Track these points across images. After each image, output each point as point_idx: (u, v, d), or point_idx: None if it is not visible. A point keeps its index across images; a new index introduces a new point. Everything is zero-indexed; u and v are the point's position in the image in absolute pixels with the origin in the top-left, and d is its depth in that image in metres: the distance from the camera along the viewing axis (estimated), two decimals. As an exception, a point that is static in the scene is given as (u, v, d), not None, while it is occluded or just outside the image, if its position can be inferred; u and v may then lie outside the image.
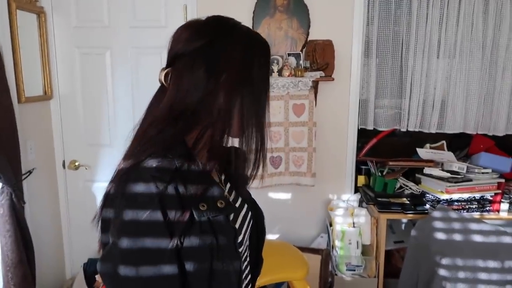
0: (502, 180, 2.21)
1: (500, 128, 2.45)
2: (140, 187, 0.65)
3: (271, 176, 2.34)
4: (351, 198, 2.44)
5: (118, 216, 0.65)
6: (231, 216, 0.76)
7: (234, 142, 0.80)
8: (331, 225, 2.32)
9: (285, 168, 2.36)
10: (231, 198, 0.83)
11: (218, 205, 0.71)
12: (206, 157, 0.74)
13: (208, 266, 0.68)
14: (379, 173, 2.33)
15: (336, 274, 2.16)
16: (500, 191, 2.18)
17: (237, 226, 0.77)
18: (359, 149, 2.50)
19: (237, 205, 0.84)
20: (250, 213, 0.87)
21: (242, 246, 0.77)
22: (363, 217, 2.25)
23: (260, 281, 1.53)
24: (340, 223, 2.25)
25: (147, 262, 0.64)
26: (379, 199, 2.23)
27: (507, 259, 1.68)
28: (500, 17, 2.35)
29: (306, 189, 2.39)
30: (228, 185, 0.86)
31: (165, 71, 0.74)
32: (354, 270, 2.16)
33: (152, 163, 0.66)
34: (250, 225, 0.87)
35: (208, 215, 0.69)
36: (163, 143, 0.69)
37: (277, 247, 2.05)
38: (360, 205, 2.41)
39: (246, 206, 0.87)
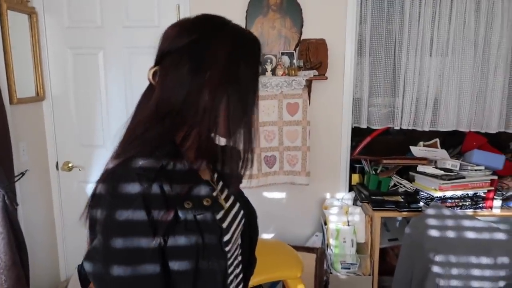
0: (495, 177, 2.22)
1: (493, 126, 2.46)
2: (124, 186, 0.65)
3: (265, 175, 2.34)
4: (346, 196, 2.44)
5: (102, 215, 0.66)
6: (220, 215, 0.76)
7: (223, 140, 0.80)
8: (325, 223, 2.32)
9: (280, 167, 2.36)
10: (222, 197, 0.83)
11: (204, 203, 0.71)
12: (193, 156, 0.74)
13: (194, 265, 0.68)
14: (373, 171, 2.34)
15: (331, 273, 2.16)
16: (493, 188, 2.19)
17: (225, 224, 0.77)
18: (353, 147, 2.51)
19: (228, 203, 0.84)
20: (242, 212, 0.87)
21: (230, 245, 0.77)
22: (357, 215, 2.26)
23: (254, 280, 1.53)
24: (335, 221, 2.26)
25: (129, 261, 0.64)
26: (373, 197, 2.23)
27: (499, 255, 1.69)
28: (491, 15, 2.36)
29: (301, 188, 2.39)
30: (221, 183, 0.86)
31: (153, 69, 0.74)
32: (349, 268, 2.17)
33: (138, 162, 0.66)
34: (242, 224, 0.87)
35: (193, 213, 0.69)
36: (150, 142, 0.69)
37: (272, 246, 2.05)
38: (354, 203, 2.41)
39: (238, 204, 0.87)
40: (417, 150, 2.37)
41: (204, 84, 0.70)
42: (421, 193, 2.21)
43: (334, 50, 2.34)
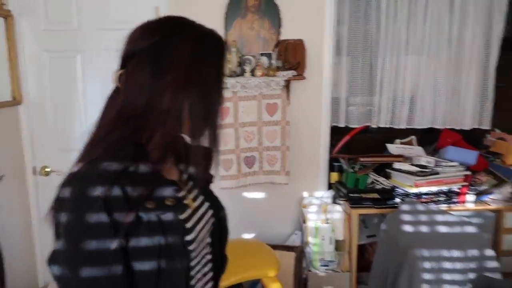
0: (469, 173, 2.28)
1: (467, 122, 2.53)
2: (86, 189, 0.66)
3: (245, 175, 2.35)
4: (325, 194, 2.47)
5: (65, 218, 0.66)
6: (185, 214, 0.77)
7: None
8: (304, 222, 2.35)
9: (259, 167, 2.38)
10: (190, 196, 0.84)
11: (167, 203, 0.72)
12: (157, 156, 0.75)
13: (156, 265, 0.69)
14: (351, 169, 2.37)
15: (309, 270, 2.19)
16: (466, 183, 2.25)
17: (190, 224, 0.78)
18: (332, 146, 2.54)
19: (196, 203, 0.85)
20: (210, 211, 0.88)
21: (194, 244, 0.78)
22: (336, 213, 2.29)
23: (230, 280, 1.54)
24: (314, 219, 2.28)
25: (92, 263, 0.65)
26: (351, 195, 2.26)
27: (470, 248, 1.74)
28: (464, 14, 2.42)
29: (281, 188, 2.41)
30: (191, 183, 0.87)
31: (119, 72, 0.75)
32: (328, 266, 2.20)
33: (100, 164, 0.67)
34: (210, 223, 0.88)
35: (156, 213, 0.70)
36: (113, 145, 0.70)
37: (249, 245, 2.05)
38: (334, 201, 2.45)
39: (206, 204, 0.88)
40: (394, 148, 2.42)
41: (166, 85, 0.70)
42: (397, 189, 2.26)
43: (312, 50, 2.37)
